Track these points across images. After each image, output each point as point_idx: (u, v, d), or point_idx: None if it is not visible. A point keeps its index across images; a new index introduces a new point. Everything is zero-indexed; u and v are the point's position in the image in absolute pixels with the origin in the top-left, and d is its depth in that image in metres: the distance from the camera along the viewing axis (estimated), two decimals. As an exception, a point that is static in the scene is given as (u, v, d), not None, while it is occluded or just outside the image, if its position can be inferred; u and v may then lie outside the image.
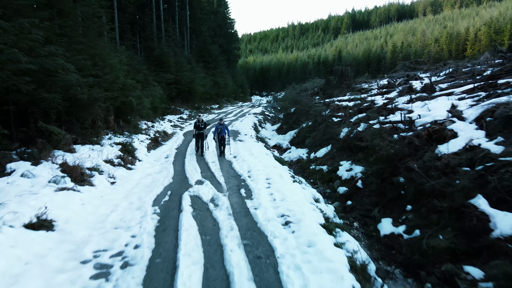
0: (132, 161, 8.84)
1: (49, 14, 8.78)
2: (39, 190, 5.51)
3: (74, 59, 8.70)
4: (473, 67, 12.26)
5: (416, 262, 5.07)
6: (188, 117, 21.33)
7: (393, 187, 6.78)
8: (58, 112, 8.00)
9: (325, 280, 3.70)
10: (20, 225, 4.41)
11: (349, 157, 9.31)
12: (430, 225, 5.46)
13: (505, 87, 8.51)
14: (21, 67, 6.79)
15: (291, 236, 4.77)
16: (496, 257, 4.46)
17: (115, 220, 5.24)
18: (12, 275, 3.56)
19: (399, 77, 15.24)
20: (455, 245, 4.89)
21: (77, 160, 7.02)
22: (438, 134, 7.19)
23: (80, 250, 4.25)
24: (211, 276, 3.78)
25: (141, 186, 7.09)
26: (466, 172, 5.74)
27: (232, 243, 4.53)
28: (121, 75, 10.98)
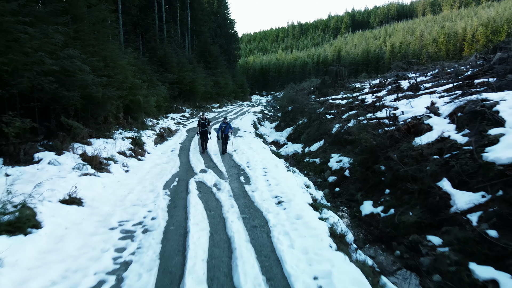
0: (142, 153, 9.74)
1: (64, 20, 9.67)
2: (66, 175, 6.39)
3: (88, 60, 9.56)
4: (456, 68, 13.15)
5: (389, 235, 5.96)
6: (190, 116, 22.21)
7: (375, 174, 7.66)
8: (76, 108, 8.89)
9: (308, 241, 4.58)
10: (56, 200, 5.30)
11: (339, 150, 10.19)
12: (403, 204, 6.36)
13: (480, 86, 9.39)
14: (45, 68, 7.67)
15: (283, 212, 5.66)
16: (457, 231, 5.34)
17: (133, 199, 6.13)
18: (56, 236, 4.45)
19: (390, 77, 16.13)
20: (421, 219, 5.78)
21: (94, 151, 7.91)
22: (415, 128, 8.07)
23: (107, 220, 5.14)
24: (216, 239, 4.67)
25: (151, 174, 7.98)
26: (435, 160, 6.62)
27: (232, 216, 5.42)
28: (129, 75, 11.86)
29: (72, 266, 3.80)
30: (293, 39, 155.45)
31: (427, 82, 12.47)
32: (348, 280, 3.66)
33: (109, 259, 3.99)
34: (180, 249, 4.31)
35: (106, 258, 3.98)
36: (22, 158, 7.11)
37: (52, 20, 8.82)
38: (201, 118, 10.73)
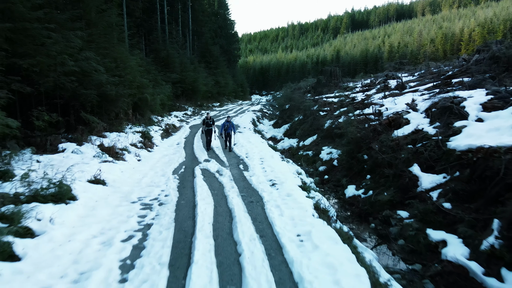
0: (151, 145, 10.75)
1: (80, 25, 10.67)
2: (89, 161, 7.40)
3: (102, 62, 10.56)
4: (441, 69, 14.13)
5: (367, 212, 6.97)
6: (192, 114, 23.21)
7: (358, 162, 8.67)
8: (92, 105, 9.90)
9: (295, 212, 5.58)
10: (85, 180, 6.30)
11: (330, 143, 11.19)
12: (379, 187, 7.36)
13: (456, 85, 10.38)
14: (67, 69, 8.68)
15: (275, 191, 6.66)
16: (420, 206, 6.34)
17: (147, 182, 7.14)
18: (90, 206, 5.46)
19: (381, 76, 17.13)
20: (393, 198, 6.79)
21: (110, 143, 8.92)
22: (395, 122, 9.07)
23: (128, 196, 6.15)
24: (219, 210, 5.67)
25: (161, 162, 8.99)
26: (409, 149, 7.63)
27: (233, 194, 6.42)
28: (137, 75, 12.86)
29: (106, 226, 4.81)
30: (293, 39, 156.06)
31: (413, 82, 13.47)
32: (324, 236, 4.66)
33: (135, 222, 5.00)
34: (190, 216, 5.31)
35: (132, 221, 4.99)
36: (48, 148, 8.12)
37: (70, 26, 9.84)
38: (206, 117, 10.90)
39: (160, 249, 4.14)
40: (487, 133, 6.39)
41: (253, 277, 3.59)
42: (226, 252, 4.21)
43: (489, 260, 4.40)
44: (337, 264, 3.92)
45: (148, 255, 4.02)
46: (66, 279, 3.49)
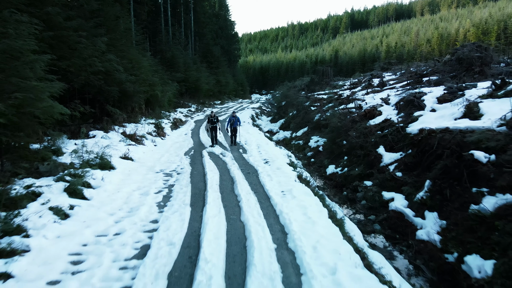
0: (163, 134, 12.47)
1: (102, 31, 12.37)
2: (117, 144, 9.11)
3: (121, 63, 12.27)
4: (418, 68, 15.81)
5: (342, 183, 8.68)
6: (196, 110, 24.92)
7: (338, 147, 10.38)
8: (114, 100, 11.60)
9: (281, 178, 7.29)
10: (117, 157, 8.02)
11: (318, 133, 12.89)
12: (353, 164, 9.07)
13: (426, 83, 12.07)
14: (95, 69, 10.39)
15: (268, 166, 8.37)
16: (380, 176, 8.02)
17: (165, 160, 8.87)
18: (125, 173, 7.19)
19: (368, 76, 18.79)
20: (362, 172, 8.49)
21: (131, 131, 10.63)
22: (370, 113, 10.78)
23: (152, 168, 7.88)
24: (223, 177, 7.38)
25: (174, 147, 10.72)
26: (378, 134, 9.33)
27: (234, 168, 8.14)
28: (149, 74, 14.57)
29: (141, 185, 6.53)
30: (292, 38, 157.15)
31: (393, 80, 15.16)
32: (301, 192, 6.38)
33: (161, 183, 6.72)
34: (202, 180, 7.03)
35: (159, 183, 6.72)
36: (81, 135, 9.84)
37: (95, 32, 11.55)
38: (210, 115, 11.17)
39: (183, 197, 5.87)
40: (435, 120, 8.09)
41: (248, 212, 5.31)
42: (229, 200, 5.93)
43: (419, 207, 6.11)
44: (307, 206, 5.64)
45: (175, 199, 5.75)
46: (123, 211, 5.22)
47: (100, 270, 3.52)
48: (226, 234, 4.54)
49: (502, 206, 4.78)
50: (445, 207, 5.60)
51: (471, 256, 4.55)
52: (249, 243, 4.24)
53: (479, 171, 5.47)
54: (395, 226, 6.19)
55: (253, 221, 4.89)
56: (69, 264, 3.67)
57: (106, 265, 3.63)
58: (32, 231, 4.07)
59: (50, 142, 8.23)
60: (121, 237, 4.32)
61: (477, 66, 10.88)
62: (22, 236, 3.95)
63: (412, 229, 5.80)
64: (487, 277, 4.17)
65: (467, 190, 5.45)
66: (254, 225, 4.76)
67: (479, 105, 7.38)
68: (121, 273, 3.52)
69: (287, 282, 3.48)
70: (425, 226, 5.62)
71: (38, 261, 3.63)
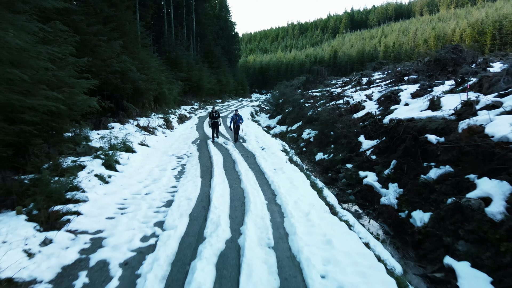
0: (172, 127, 13.91)
1: (116, 34, 13.80)
2: (134, 134, 10.55)
3: (133, 63, 13.69)
4: (403, 68, 17.22)
5: (327, 167, 10.10)
6: (198, 108, 26.35)
7: (326, 137, 11.80)
8: (127, 96, 13.04)
9: (275, 160, 8.73)
10: (136, 143, 9.46)
11: (310, 127, 14.31)
12: (337, 151, 10.50)
13: (406, 81, 13.48)
14: (112, 69, 11.81)
15: (264, 152, 9.81)
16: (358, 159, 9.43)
17: (176, 147, 10.31)
18: (145, 155, 8.64)
19: (358, 75, 20.17)
20: (345, 157, 9.91)
21: (144, 123, 12.07)
22: (355, 108, 12.20)
23: (166, 153, 9.32)
24: (226, 159, 8.82)
25: (182, 137, 12.17)
26: (360, 125, 10.75)
27: (235, 152, 9.57)
28: (158, 74, 16.00)
29: (159, 164, 7.98)
30: (292, 38, 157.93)
31: (380, 79, 16.57)
32: (290, 169, 7.81)
33: (175, 162, 8.17)
34: (208, 161, 8.47)
35: (174, 162, 8.16)
36: (101, 126, 11.28)
37: (111, 36, 12.98)
38: (212, 111, 11.73)
39: (194, 171, 7.31)
40: (406, 112, 9.50)
41: (246, 181, 6.73)
42: (231, 174, 7.37)
43: (385, 180, 7.53)
44: (293, 178, 7.07)
45: (188, 173, 7.19)
46: (148, 180, 6.66)
47: (140, 212, 4.96)
48: (229, 194, 5.98)
49: (442, 175, 6.20)
50: (403, 179, 7.03)
51: (416, 212, 5.98)
52: (247, 200, 5.68)
53: (429, 150, 6.89)
54: (366, 196, 7.61)
55: (250, 187, 6.32)
56: (117, 209, 5.11)
57: (144, 210, 5.07)
58: (86, 189, 5.51)
59: (77, 131, 9.69)
60: (151, 195, 5.76)
61: (450, 66, 12.29)
62: (80, 192, 5.38)
63: (378, 197, 7.22)
64: (424, 224, 5.60)
65: (419, 165, 6.88)
66: (251, 189, 6.19)
67: (440, 99, 8.80)
68: (155, 214, 4.96)
69: (273, 220, 4.91)
70: (387, 194, 7.05)
71: (96, 206, 5.07)
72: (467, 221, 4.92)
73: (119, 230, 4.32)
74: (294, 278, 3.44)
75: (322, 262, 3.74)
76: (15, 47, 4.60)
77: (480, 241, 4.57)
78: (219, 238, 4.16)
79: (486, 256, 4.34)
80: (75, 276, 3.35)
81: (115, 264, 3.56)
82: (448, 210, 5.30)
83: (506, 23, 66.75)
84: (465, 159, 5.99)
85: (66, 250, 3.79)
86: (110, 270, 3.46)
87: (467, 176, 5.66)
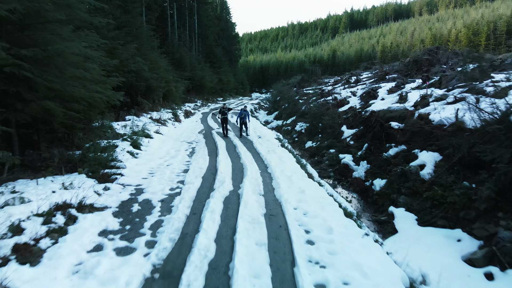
0: (179, 120, 15.65)
1: (130, 38, 15.54)
2: (149, 124, 12.29)
3: (145, 63, 15.41)
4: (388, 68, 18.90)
5: (314, 152, 11.83)
6: (201, 105, 28.09)
7: (315, 128, 13.52)
8: (141, 93, 14.77)
9: (269, 145, 10.46)
10: (153, 131, 11.20)
11: (302, 120, 16.04)
12: (323, 139, 12.22)
13: (387, 79, 15.19)
14: (128, 69, 13.54)
15: (260, 139, 11.54)
16: (339, 145, 11.14)
17: (185, 135, 12.05)
18: (161, 140, 10.39)
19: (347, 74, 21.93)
20: (329, 144, 11.63)
21: (156, 116, 13.80)
22: (341, 103, 13.91)
23: (177, 139, 11.07)
24: (228, 145, 10.55)
25: (189, 128, 13.92)
26: (343, 117, 12.48)
27: (236, 140, 11.31)
28: (166, 73, 17.73)
29: (174, 146, 9.72)
30: (292, 38, 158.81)
31: (367, 78, 18.28)
32: (280, 151, 9.55)
33: (186, 146, 9.91)
34: (214, 145, 10.20)
35: (185, 146, 9.90)
36: (120, 118, 13.01)
37: (125, 39, 14.71)
38: (223, 107, 12.03)
39: (203, 152, 9.05)
40: (381, 105, 11.21)
41: (245, 158, 8.45)
42: (233, 154, 9.10)
43: (358, 160, 9.25)
44: (283, 157, 8.81)
45: (198, 153, 8.93)
46: (167, 156, 8.40)
47: (165, 175, 6.69)
48: (231, 166, 7.71)
49: (398, 152, 7.93)
50: (371, 157, 8.75)
51: (376, 180, 7.70)
52: (245, 169, 7.41)
53: (391, 134, 8.61)
54: (342, 173, 9.33)
55: (247, 162, 8.04)
56: (148, 173, 6.85)
57: (168, 174, 6.80)
58: (123, 160, 7.25)
59: (102, 122, 11.42)
60: (171, 166, 7.50)
61: (425, 67, 14.00)
62: (119, 162, 7.12)
63: (351, 172, 8.94)
64: (381, 187, 7.32)
65: (383, 145, 8.61)
66: (248, 163, 7.92)
67: (408, 94, 10.52)
68: (177, 176, 6.70)
69: (264, 181, 6.64)
70: (358, 170, 8.77)
71: (132, 171, 6.81)
72: (407, 181, 6.65)
73: (153, 184, 6.06)
74: (275, 209, 5.17)
75: (295, 201, 5.47)
76: (76, 53, 6.32)
77: (413, 194, 6.31)
78: (225, 189, 5.90)
79: (415, 203, 6.07)
80: (131, 205, 5.08)
81: (155, 201, 5.30)
82: (396, 176, 7.03)
83: (500, 24, 68.11)
84: (414, 139, 7.71)
85: (120, 193, 5.53)
86: (152, 203, 5.20)
87: (414, 151, 7.39)
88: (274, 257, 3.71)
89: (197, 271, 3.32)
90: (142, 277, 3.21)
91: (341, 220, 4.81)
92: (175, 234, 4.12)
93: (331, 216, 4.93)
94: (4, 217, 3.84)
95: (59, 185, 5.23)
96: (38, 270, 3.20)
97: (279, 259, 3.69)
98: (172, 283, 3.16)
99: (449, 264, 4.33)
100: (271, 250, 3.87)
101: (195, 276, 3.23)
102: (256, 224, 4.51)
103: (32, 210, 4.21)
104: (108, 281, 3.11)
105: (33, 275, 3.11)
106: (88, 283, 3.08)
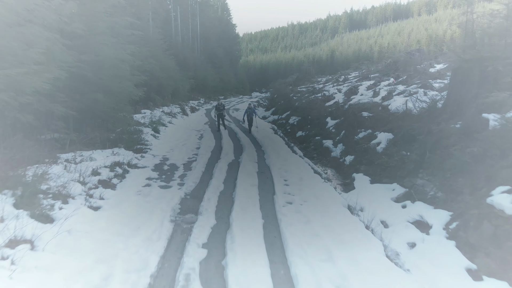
0: (187, 114, 17.75)
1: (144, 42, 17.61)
2: (162, 116, 14.37)
3: (157, 64, 17.47)
4: (374, 68, 20.94)
5: (303, 140, 13.89)
6: (204, 103, 30.20)
7: (306, 120, 15.59)
8: (154, 90, 16.84)
9: (264, 133, 12.53)
10: (167, 122, 13.28)
11: (296, 114, 18.10)
12: (311, 129, 14.29)
13: (371, 78, 17.25)
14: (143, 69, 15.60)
15: (257, 129, 13.60)
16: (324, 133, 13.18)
17: (193, 125, 14.16)
18: (173, 129, 12.50)
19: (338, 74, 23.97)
20: (316, 133, 13.69)
21: (167, 110, 15.89)
22: (328, 98, 15.98)
23: (187, 128, 13.18)
24: (230, 133, 12.64)
25: (196, 120, 16.04)
26: (329, 111, 14.54)
27: (236, 129, 13.39)
28: (173, 73, 19.81)
29: (186, 132, 11.81)
30: (292, 38, 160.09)
31: (354, 77, 20.34)
32: (274, 137, 11.65)
33: (196, 132, 12.00)
34: (218, 132, 12.27)
35: (195, 133, 12.01)
36: (137, 111, 15.08)
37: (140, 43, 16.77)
38: (218, 103, 13.08)
39: (210, 137, 11.13)
40: (359, 99, 13.27)
41: (244, 142, 10.53)
42: (234, 139, 11.18)
43: (336, 143, 11.30)
44: (274, 140, 10.93)
45: (205, 137, 11.02)
46: (181, 139, 10.50)
47: (182, 151, 8.77)
48: (233, 147, 9.79)
49: (365, 135, 9.98)
50: (346, 140, 10.81)
51: (347, 156, 9.75)
52: (244, 148, 9.49)
53: (362, 121, 10.67)
54: (323, 154, 11.38)
55: (246, 144, 10.12)
56: (169, 149, 8.93)
57: (185, 150, 8.89)
58: (149, 140, 9.32)
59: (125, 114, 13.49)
60: (186, 145, 9.58)
61: (401, 67, 16.05)
62: (146, 141, 9.19)
63: (330, 153, 11.00)
64: (350, 161, 9.38)
65: (355, 131, 10.67)
66: (247, 145, 9.99)
67: (380, 90, 12.57)
68: (191, 151, 8.79)
69: (258, 155, 8.72)
70: (336, 150, 10.83)
71: (157, 148, 8.89)
72: (368, 155, 8.71)
73: (175, 155, 8.14)
74: (265, 169, 7.25)
75: (280, 165, 7.55)
76: (117, 58, 8.39)
77: (370, 163, 8.36)
78: (229, 158, 7.98)
79: (371, 169, 8.12)
80: (162, 166, 7.16)
81: (179, 164, 7.38)
82: (361, 151, 9.09)
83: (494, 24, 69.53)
84: (377, 124, 9.77)
85: (153, 159, 7.62)
86: (177, 165, 7.28)
87: (375, 133, 9.45)
88: (261, 191, 5.78)
89: (213, 194, 5.40)
90: (179, 197, 5.28)
91: (310, 175, 6.89)
92: (196, 180, 6.20)
93: (304, 173, 7.01)
94: (85, 167, 5.90)
95: (110, 153, 7.31)
96: (117, 191, 5.29)
97: (265, 192, 5.77)
98: (198, 199, 5.23)
99: (381, 202, 6.37)
100: (260, 188, 5.95)
101: (211, 195, 5.31)
102: (250, 175, 6.59)
103: (100, 165, 6.28)
104: (159, 197, 5.17)
105: (115, 193, 5.19)
106: (148, 198, 5.15)
